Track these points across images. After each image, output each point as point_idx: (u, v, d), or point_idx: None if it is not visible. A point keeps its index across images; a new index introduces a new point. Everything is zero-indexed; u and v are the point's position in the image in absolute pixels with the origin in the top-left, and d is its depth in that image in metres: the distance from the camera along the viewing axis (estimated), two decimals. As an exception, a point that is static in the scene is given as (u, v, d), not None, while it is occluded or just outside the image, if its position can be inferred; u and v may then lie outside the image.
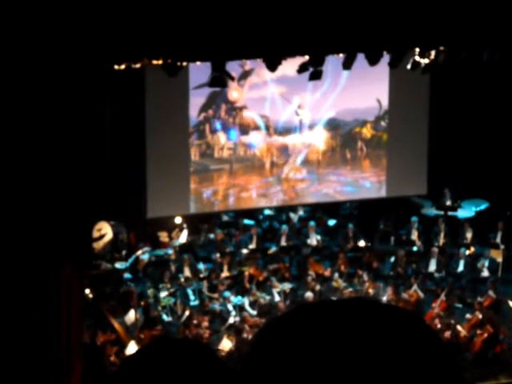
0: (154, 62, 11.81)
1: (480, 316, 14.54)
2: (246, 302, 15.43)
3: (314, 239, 17.59)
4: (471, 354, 14.05)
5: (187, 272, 16.09)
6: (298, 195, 18.64)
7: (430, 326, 1.30)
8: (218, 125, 17.83)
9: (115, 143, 16.32)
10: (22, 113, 9.78)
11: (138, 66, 12.51)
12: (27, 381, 10.20)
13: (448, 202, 18.54)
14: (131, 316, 14.37)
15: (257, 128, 18.04)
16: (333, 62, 14.53)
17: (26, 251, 10.04)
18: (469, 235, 17.76)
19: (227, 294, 15.38)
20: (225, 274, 16.36)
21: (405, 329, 1.25)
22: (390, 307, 1.29)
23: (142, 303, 15.12)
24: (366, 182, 18.89)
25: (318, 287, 15.75)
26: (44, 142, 9.98)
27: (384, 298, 15.22)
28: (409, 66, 14.52)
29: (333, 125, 18.44)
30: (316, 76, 13.18)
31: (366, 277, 16.05)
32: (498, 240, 17.62)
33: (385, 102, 18.53)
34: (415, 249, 17.52)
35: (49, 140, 10.01)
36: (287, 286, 15.86)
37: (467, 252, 17.08)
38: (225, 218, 18.54)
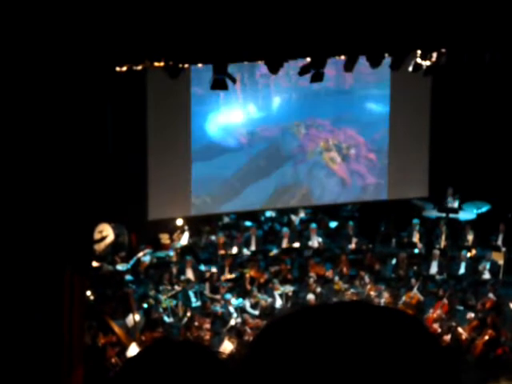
0: (156, 63, 11.82)
1: (481, 318, 14.54)
2: (247, 304, 15.43)
3: (315, 241, 17.59)
4: (472, 356, 14.05)
5: (189, 274, 16.10)
6: (299, 197, 18.63)
7: (428, 328, 1.31)
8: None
9: (117, 145, 16.33)
10: (23, 114, 9.78)
11: (139, 67, 12.52)
12: (29, 382, 10.20)
13: (451, 202, 18.53)
14: (131, 318, 14.37)
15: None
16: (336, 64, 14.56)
17: (27, 253, 10.05)
18: (470, 237, 17.76)
19: (228, 296, 15.39)
20: (226, 275, 16.37)
21: (403, 332, 1.26)
22: (388, 310, 1.30)
23: (144, 305, 15.14)
24: (367, 184, 18.88)
25: (319, 289, 15.75)
26: (45, 144, 9.99)
27: (382, 301, 15.23)
28: (410, 68, 14.53)
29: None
30: (318, 78, 13.19)
31: (367, 279, 16.05)
32: (500, 242, 17.62)
33: (387, 105, 18.53)
34: (416, 251, 17.53)
35: (50, 141, 10.02)
36: (288, 288, 15.86)
37: (468, 254, 17.08)
38: (226, 219, 18.55)
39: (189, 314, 14.80)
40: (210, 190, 17.92)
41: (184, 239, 17.51)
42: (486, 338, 14.07)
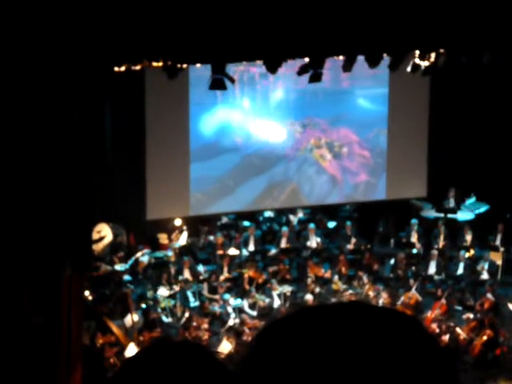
0: (154, 63, 11.82)
1: (480, 319, 14.55)
2: (245, 304, 15.43)
3: (313, 241, 17.59)
4: (471, 356, 14.05)
5: (187, 274, 16.10)
6: (298, 197, 18.62)
7: (427, 328, 1.31)
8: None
9: (115, 145, 16.33)
10: (21, 114, 9.78)
11: (137, 67, 12.51)
12: (28, 382, 10.20)
13: (451, 203, 18.54)
14: (129, 318, 14.37)
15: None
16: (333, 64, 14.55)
17: (25, 253, 10.05)
18: (468, 238, 17.76)
19: (227, 296, 15.39)
20: (224, 276, 16.36)
21: (401, 332, 1.26)
22: (387, 311, 1.30)
23: (142, 305, 15.13)
24: (365, 184, 18.88)
25: (317, 289, 15.76)
26: (44, 144, 9.98)
27: (380, 301, 15.24)
28: (409, 69, 14.53)
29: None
30: (316, 78, 13.18)
31: (365, 279, 16.06)
32: (498, 242, 17.62)
33: (385, 105, 18.53)
34: (415, 251, 17.52)
35: (49, 142, 10.01)
36: (287, 289, 15.86)
37: (467, 254, 17.08)
38: (225, 219, 18.55)
39: (187, 314, 14.80)
40: (208, 190, 17.92)
41: (182, 239, 17.50)
42: (485, 338, 14.07)
